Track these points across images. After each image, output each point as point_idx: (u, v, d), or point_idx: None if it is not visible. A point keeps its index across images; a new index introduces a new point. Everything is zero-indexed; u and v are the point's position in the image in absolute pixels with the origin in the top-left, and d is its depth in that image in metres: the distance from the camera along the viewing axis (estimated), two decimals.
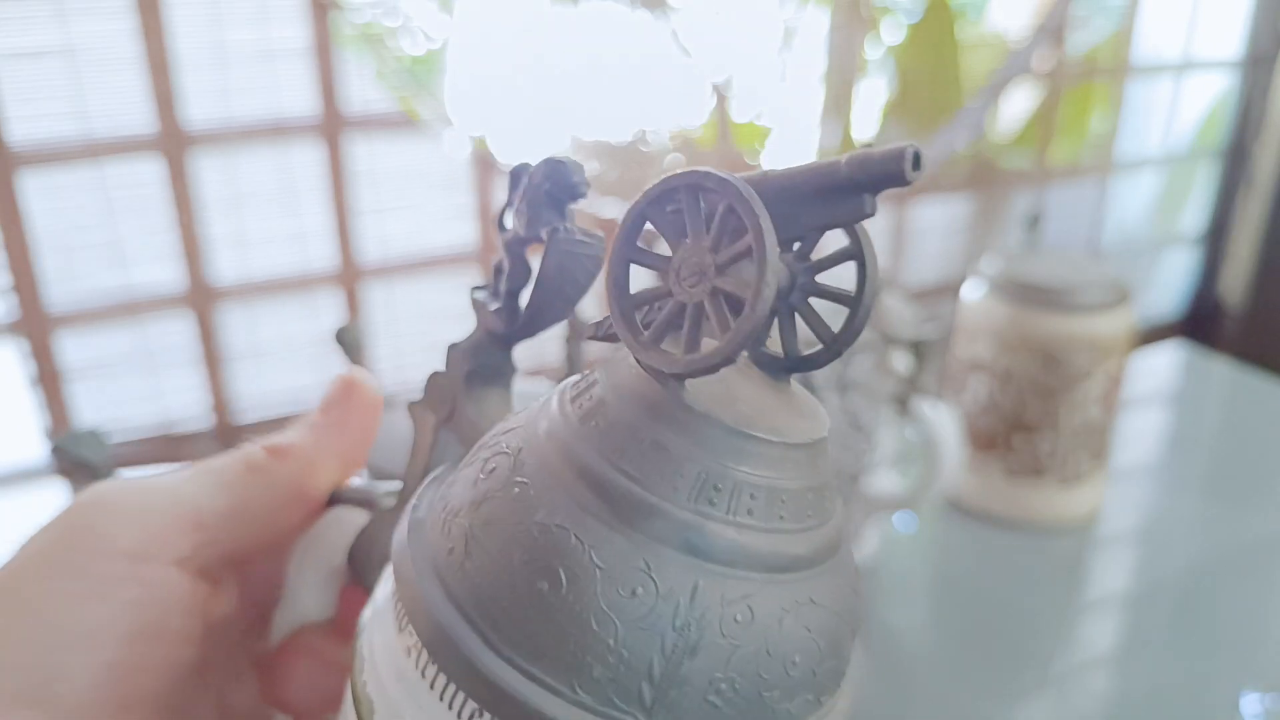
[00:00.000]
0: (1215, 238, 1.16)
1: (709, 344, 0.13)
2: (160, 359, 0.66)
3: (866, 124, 0.91)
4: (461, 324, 0.81)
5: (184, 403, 0.67)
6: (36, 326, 0.61)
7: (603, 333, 0.15)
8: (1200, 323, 1.18)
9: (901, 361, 0.51)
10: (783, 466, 0.13)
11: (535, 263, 0.17)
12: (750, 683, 0.12)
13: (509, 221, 0.17)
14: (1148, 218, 1.19)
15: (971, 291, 0.62)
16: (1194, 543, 0.63)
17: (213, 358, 0.67)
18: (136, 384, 0.65)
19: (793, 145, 0.83)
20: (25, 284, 0.60)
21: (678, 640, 0.12)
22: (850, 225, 0.14)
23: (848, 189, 0.13)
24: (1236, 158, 1.13)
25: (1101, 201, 1.05)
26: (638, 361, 0.13)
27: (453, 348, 0.19)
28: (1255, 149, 1.11)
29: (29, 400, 0.63)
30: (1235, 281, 1.16)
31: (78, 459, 0.36)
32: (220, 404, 0.68)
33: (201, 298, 0.65)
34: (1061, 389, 0.59)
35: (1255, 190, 1.12)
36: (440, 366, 0.19)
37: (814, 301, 0.15)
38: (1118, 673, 0.51)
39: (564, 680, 0.12)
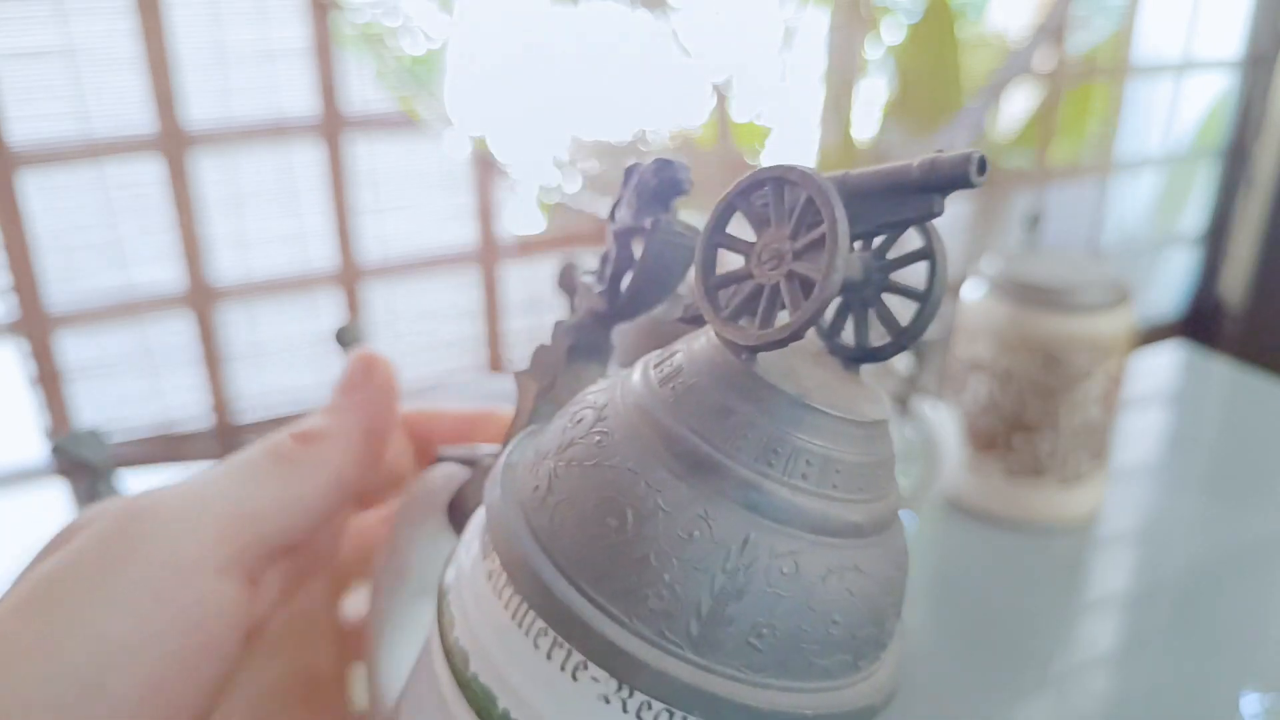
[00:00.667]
0: (1215, 238, 1.16)
1: (782, 320, 0.14)
2: (160, 359, 0.66)
3: (867, 124, 0.91)
4: (462, 323, 0.81)
5: (184, 403, 0.67)
6: (37, 326, 0.61)
7: (690, 314, 0.16)
8: (1200, 323, 1.18)
9: (901, 361, 0.51)
10: (839, 439, 0.14)
11: (638, 252, 0.18)
12: (790, 633, 0.13)
13: (619, 214, 0.18)
14: (1148, 218, 1.19)
15: (971, 291, 0.62)
16: (1194, 543, 0.63)
17: (213, 357, 0.67)
18: (136, 384, 0.65)
19: (793, 145, 0.83)
20: (25, 284, 0.60)
21: (726, 583, 0.13)
22: (920, 224, 0.16)
23: (918, 190, 0.15)
24: (1236, 158, 1.13)
25: (1101, 201, 1.05)
26: (717, 335, 0.15)
27: (559, 324, 0.20)
28: (1255, 149, 1.11)
29: (29, 400, 0.63)
30: (1235, 281, 1.16)
31: (78, 459, 0.36)
32: (220, 404, 0.68)
33: (202, 298, 0.65)
34: (1061, 389, 0.59)
35: (1255, 190, 1.12)
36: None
37: (887, 299, 0.16)
38: (1118, 673, 0.51)
39: (622, 609, 0.13)
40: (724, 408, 0.14)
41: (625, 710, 0.13)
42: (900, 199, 0.15)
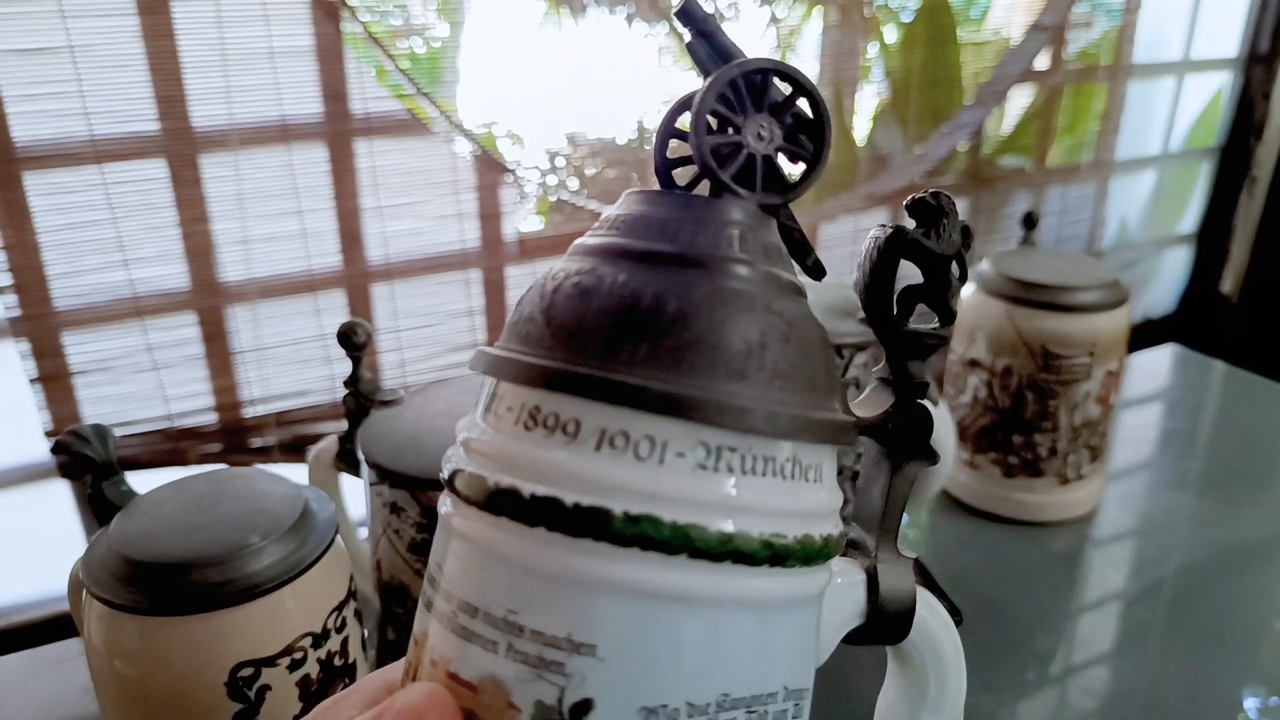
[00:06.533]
0: (1211, 236, 1.17)
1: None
2: (164, 358, 0.66)
3: (864, 124, 0.92)
4: (464, 323, 0.81)
5: (188, 401, 0.67)
6: (40, 325, 0.61)
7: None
8: (1197, 322, 1.18)
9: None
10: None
11: None
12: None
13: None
14: (1147, 217, 1.19)
15: (970, 291, 0.62)
16: (1192, 541, 0.63)
17: (216, 357, 0.67)
18: (139, 383, 0.65)
19: None
20: (29, 283, 0.60)
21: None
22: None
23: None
24: (1233, 156, 1.13)
25: (1100, 201, 1.06)
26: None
27: None
28: (1256, 148, 1.11)
29: (32, 399, 0.63)
30: (1232, 281, 1.16)
31: (80, 458, 0.37)
32: (224, 403, 0.68)
33: (205, 298, 0.66)
34: (1060, 388, 0.59)
35: (1255, 189, 1.12)
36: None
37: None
38: (1117, 671, 0.52)
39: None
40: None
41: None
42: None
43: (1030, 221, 0.68)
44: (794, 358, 0.17)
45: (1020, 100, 1.00)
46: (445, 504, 0.18)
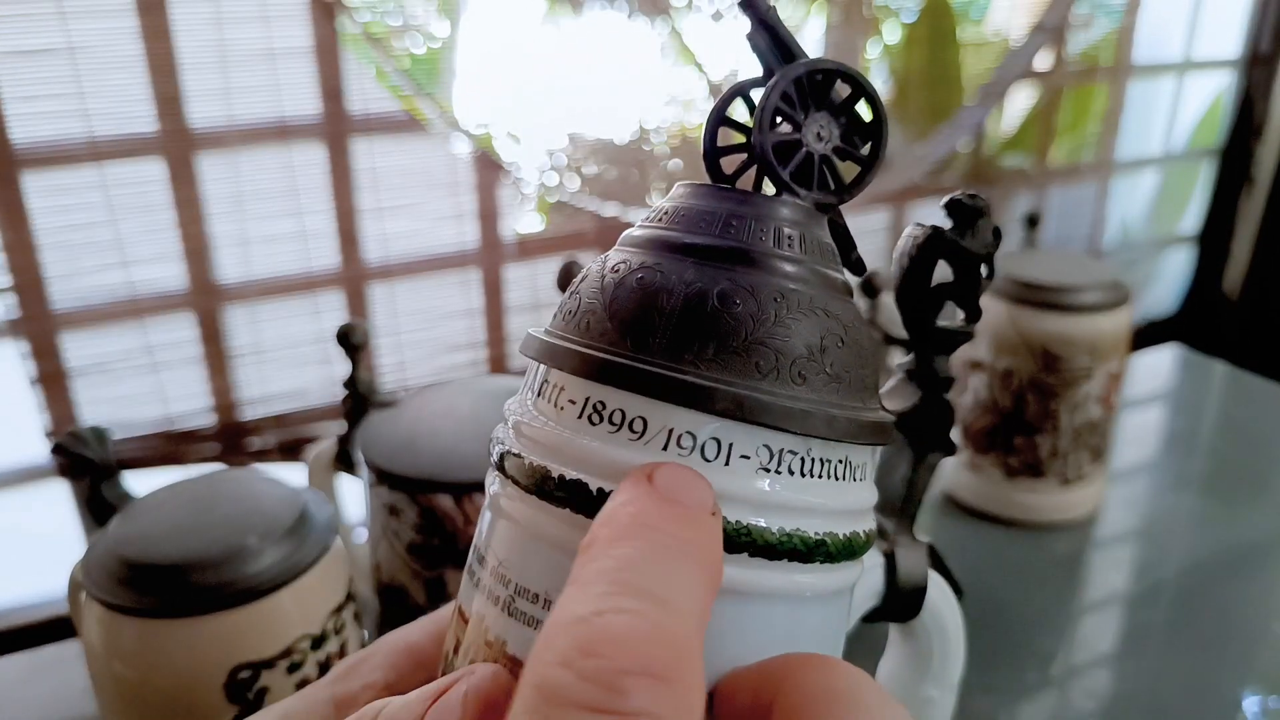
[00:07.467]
0: (1212, 236, 1.16)
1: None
2: (163, 359, 0.66)
3: None
4: (463, 323, 0.80)
5: (186, 402, 0.67)
6: (39, 326, 0.61)
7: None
8: (1199, 322, 1.18)
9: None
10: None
11: None
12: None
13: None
14: (1148, 218, 1.19)
15: None
16: (1193, 542, 0.63)
17: (215, 357, 0.67)
18: (138, 384, 0.65)
19: None
20: (28, 284, 0.60)
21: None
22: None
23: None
24: (1234, 157, 1.13)
25: (1101, 201, 1.06)
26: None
27: None
28: (1257, 148, 1.11)
29: (31, 400, 0.63)
30: (1233, 281, 1.16)
31: (80, 458, 0.37)
32: (223, 404, 0.68)
33: (204, 298, 0.65)
34: (1062, 389, 0.59)
35: (1256, 189, 1.12)
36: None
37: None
38: (1118, 672, 0.52)
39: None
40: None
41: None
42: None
43: (1032, 222, 0.68)
44: (848, 360, 0.17)
45: (1021, 100, 1.00)
46: (494, 484, 0.18)
